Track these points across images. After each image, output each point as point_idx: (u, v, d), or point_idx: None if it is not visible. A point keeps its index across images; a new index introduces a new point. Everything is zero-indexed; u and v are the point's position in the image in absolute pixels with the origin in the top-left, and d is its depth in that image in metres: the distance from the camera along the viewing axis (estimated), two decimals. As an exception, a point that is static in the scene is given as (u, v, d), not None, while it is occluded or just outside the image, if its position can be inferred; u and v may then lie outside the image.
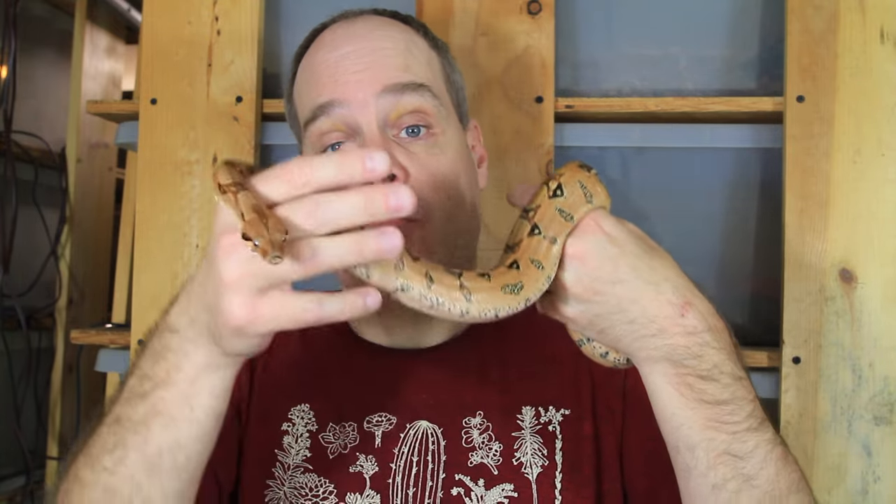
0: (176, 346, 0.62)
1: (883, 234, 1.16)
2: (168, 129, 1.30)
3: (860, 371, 1.15)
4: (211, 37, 1.30)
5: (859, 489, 1.14)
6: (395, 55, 0.83)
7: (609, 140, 1.28)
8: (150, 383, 0.63)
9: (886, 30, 1.18)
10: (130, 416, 0.63)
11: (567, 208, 0.64)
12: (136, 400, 0.63)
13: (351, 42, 0.84)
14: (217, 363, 0.61)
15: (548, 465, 0.80)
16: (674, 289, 0.63)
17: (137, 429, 0.62)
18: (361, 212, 0.52)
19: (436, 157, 0.82)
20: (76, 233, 1.80)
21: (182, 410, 0.61)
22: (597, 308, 0.63)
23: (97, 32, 1.85)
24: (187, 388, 0.61)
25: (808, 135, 1.18)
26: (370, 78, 0.81)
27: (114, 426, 0.64)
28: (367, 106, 0.80)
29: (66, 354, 1.78)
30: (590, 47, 1.30)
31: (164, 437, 0.62)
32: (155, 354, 0.63)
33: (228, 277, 0.54)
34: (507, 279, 0.61)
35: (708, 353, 0.63)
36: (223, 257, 0.54)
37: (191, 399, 0.61)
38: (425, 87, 0.82)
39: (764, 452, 0.65)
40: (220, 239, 0.55)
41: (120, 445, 0.63)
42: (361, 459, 0.80)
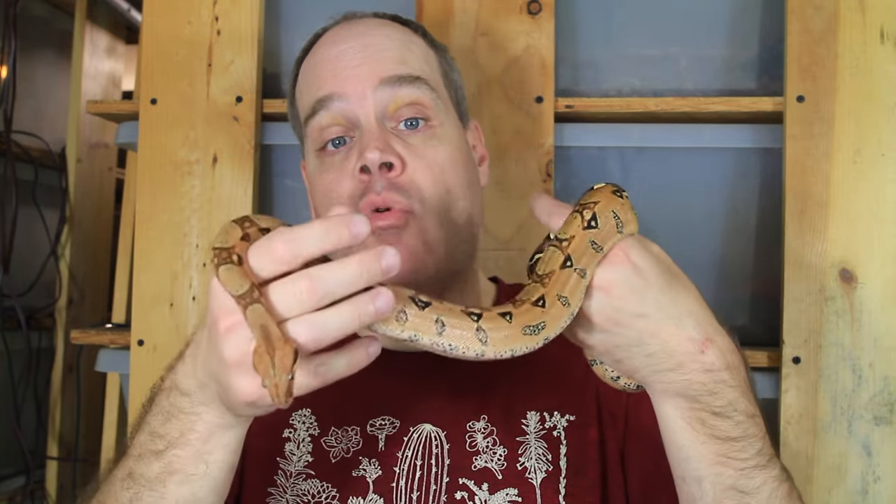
0: (188, 408, 0.63)
1: (883, 234, 1.16)
2: (168, 129, 1.30)
3: (860, 371, 1.15)
4: (211, 37, 1.30)
5: (859, 489, 1.14)
6: (393, 50, 0.84)
7: (609, 140, 1.28)
8: (162, 442, 0.64)
9: (886, 30, 1.18)
10: (144, 473, 0.64)
11: (599, 241, 0.63)
12: (150, 457, 0.64)
13: (350, 39, 0.85)
14: (229, 423, 0.62)
15: (552, 471, 0.80)
16: (696, 324, 0.63)
17: (153, 486, 0.64)
18: (359, 280, 0.53)
19: (433, 149, 0.82)
20: (76, 233, 1.80)
21: (198, 467, 0.63)
22: (617, 339, 0.63)
23: (97, 32, 1.86)
24: (201, 446, 0.63)
25: (808, 135, 1.18)
26: (368, 71, 0.82)
27: (127, 481, 0.65)
28: (365, 98, 0.81)
29: (66, 354, 1.78)
30: (590, 47, 1.30)
31: (180, 492, 0.63)
32: (165, 413, 0.64)
33: (233, 359, 0.56)
34: (530, 319, 0.60)
35: (724, 391, 0.63)
36: (224, 339, 0.56)
37: (205, 456, 0.63)
38: (422, 79, 0.83)
39: (770, 490, 0.65)
40: (219, 320, 0.56)
41: (136, 501, 0.64)
42: (364, 463, 0.80)
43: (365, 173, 0.79)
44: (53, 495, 1.72)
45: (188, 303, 1.27)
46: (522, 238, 1.22)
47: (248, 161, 1.28)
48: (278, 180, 1.35)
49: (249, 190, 1.28)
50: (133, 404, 1.27)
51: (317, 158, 0.85)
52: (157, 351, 1.27)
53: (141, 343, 1.28)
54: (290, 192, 1.35)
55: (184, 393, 0.63)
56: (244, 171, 1.28)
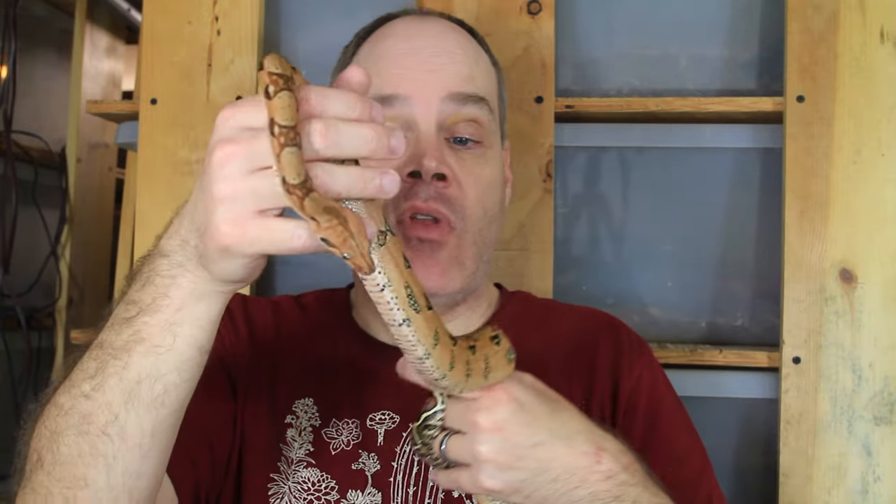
0: (164, 271, 0.59)
1: (883, 234, 1.16)
2: (168, 129, 1.30)
3: (860, 371, 1.15)
4: (211, 37, 1.30)
5: (859, 489, 1.14)
6: (463, 63, 0.85)
7: (609, 140, 1.28)
8: (135, 308, 0.60)
9: (886, 30, 1.18)
10: (113, 341, 0.61)
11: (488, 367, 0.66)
12: (121, 325, 0.61)
13: (422, 38, 0.85)
14: (204, 291, 0.59)
15: None
16: (585, 439, 0.66)
17: (118, 354, 0.60)
18: (367, 143, 0.52)
19: (481, 168, 0.84)
20: (76, 233, 1.80)
21: (164, 338, 0.59)
22: (521, 474, 0.64)
23: (97, 32, 1.85)
24: (171, 315, 0.59)
25: (808, 135, 1.18)
26: (437, 81, 0.83)
27: (95, 350, 0.62)
28: (430, 108, 0.82)
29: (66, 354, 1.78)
30: (590, 47, 1.30)
31: (143, 363, 0.59)
32: (143, 279, 0.61)
33: (220, 193, 0.53)
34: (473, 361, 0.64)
35: (627, 491, 0.67)
36: (216, 171, 0.53)
37: (174, 327, 0.59)
38: (485, 101, 0.85)
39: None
40: (215, 150, 0.53)
41: (100, 371, 0.60)
42: (364, 457, 0.81)
43: (413, 177, 0.80)
44: (53, 495, 1.72)
45: (188, 303, 1.27)
46: (523, 238, 1.22)
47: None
48: (278, 180, 1.34)
49: (249, 190, 1.27)
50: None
51: None
52: (157, 351, 1.27)
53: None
54: (290, 192, 1.35)
55: (163, 254, 0.60)
56: (244, 171, 1.28)
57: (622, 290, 1.29)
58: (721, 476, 1.24)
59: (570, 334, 0.91)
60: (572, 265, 1.30)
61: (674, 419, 0.88)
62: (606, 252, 1.30)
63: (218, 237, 0.53)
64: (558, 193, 1.28)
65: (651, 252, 1.29)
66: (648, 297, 1.29)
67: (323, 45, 1.34)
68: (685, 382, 1.20)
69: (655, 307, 1.29)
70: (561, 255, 1.27)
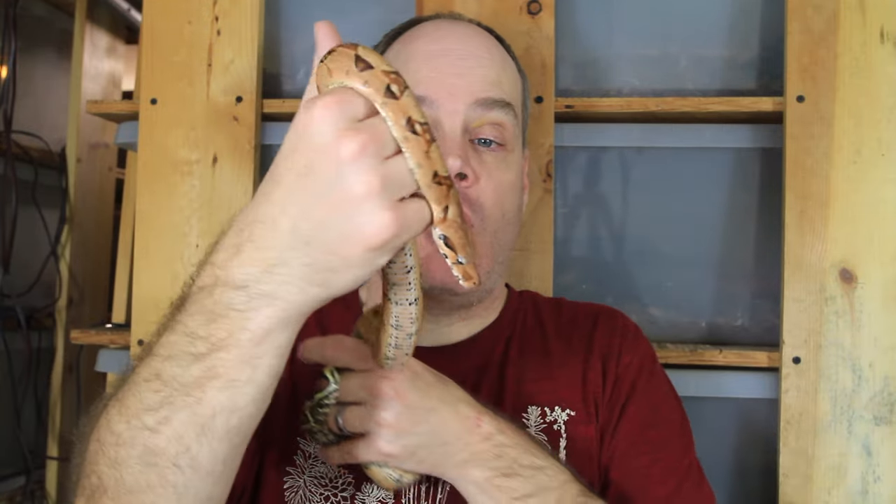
0: (242, 304, 0.54)
1: (883, 234, 1.16)
2: (168, 129, 1.30)
3: (860, 371, 1.15)
4: (211, 37, 1.30)
5: (859, 489, 1.14)
6: (491, 68, 0.86)
7: (609, 140, 1.28)
8: (204, 344, 0.56)
9: (886, 30, 1.18)
10: (178, 376, 0.57)
11: None
12: (186, 360, 0.57)
13: (451, 40, 0.86)
14: (292, 316, 0.55)
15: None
16: (468, 405, 0.73)
17: (189, 391, 0.56)
18: None
19: (502, 172, 0.85)
20: (76, 233, 1.80)
21: (243, 372, 0.56)
22: (416, 438, 0.70)
23: (97, 32, 1.85)
24: (252, 349, 0.55)
25: (808, 135, 1.18)
26: (465, 85, 0.84)
27: (155, 383, 0.58)
28: (456, 112, 0.83)
29: (66, 354, 1.78)
30: (590, 47, 1.30)
31: (219, 398, 0.56)
32: (209, 313, 0.56)
33: (366, 187, 0.50)
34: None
35: (506, 452, 0.72)
36: (350, 167, 0.50)
37: (254, 360, 0.55)
38: (511, 106, 0.86)
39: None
40: (343, 143, 0.50)
41: (166, 405, 0.57)
42: None
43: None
44: (53, 495, 1.72)
45: (188, 303, 1.27)
46: (522, 238, 1.22)
47: (248, 161, 1.28)
48: (278, 180, 1.34)
49: (249, 190, 1.27)
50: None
51: None
52: (157, 351, 1.27)
53: (141, 343, 1.28)
54: (290, 192, 1.35)
55: (238, 286, 0.54)
56: (244, 171, 1.28)
57: (622, 290, 1.29)
58: (721, 476, 1.25)
59: (571, 317, 0.93)
60: (572, 265, 1.30)
61: (658, 409, 0.88)
62: (606, 252, 1.30)
63: (368, 236, 0.51)
64: (558, 193, 1.28)
65: (651, 252, 1.29)
66: (648, 297, 1.29)
67: (323, 45, 1.34)
68: (685, 382, 1.20)
69: (655, 307, 1.29)
70: (561, 255, 1.27)
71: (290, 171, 0.52)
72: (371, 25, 0.95)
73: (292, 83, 1.36)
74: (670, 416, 0.88)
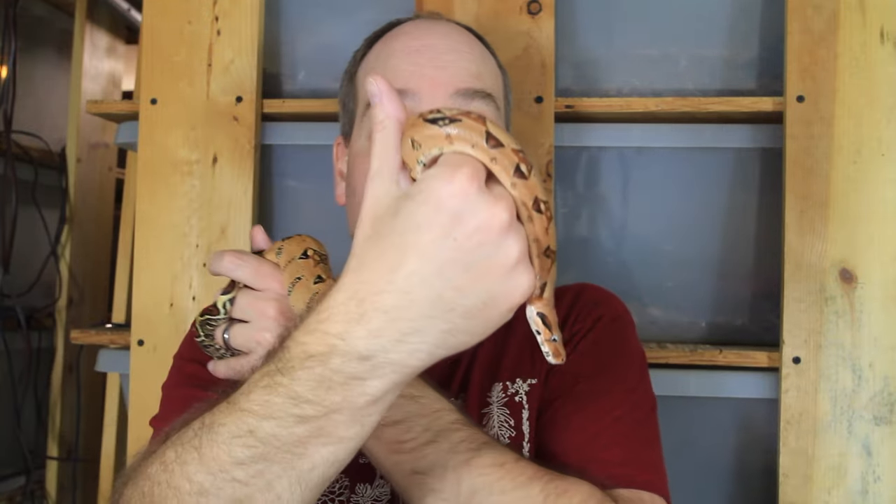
0: (364, 373, 0.54)
1: (883, 234, 1.16)
2: (168, 129, 1.30)
3: (860, 371, 1.15)
4: (211, 37, 1.30)
5: (859, 489, 1.14)
6: (472, 61, 0.87)
7: (609, 140, 1.28)
8: (314, 408, 0.56)
9: (886, 30, 1.18)
10: (279, 434, 0.56)
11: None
12: (291, 421, 0.56)
13: (432, 37, 0.87)
14: (407, 380, 0.56)
15: (515, 436, 0.81)
16: None
17: (290, 448, 0.56)
18: None
19: None
20: (76, 233, 1.80)
21: (351, 429, 0.56)
22: None
23: (97, 32, 1.86)
24: (365, 409, 0.56)
25: (808, 135, 1.18)
26: (446, 77, 0.84)
27: (248, 439, 0.57)
28: (437, 103, 0.83)
29: (66, 354, 1.78)
30: (590, 47, 1.30)
31: (322, 453, 0.56)
32: (325, 381, 0.55)
33: (521, 252, 0.53)
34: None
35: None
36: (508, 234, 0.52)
37: (364, 419, 0.56)
38: (492, 97, 0.86)
39: (442, 463, 0.67)
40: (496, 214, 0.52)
41: (261, 461, 0.57)
42: None
43: None
44: (53, 495, 1.72)
45: (188, 303, 1.27)
46: (522, 238, 1.22)
47: (248, 161, 1.28)
48: (278, 180, 1.35)
49: (249, 190, 1.28)
50: (133, 404, 1.27)
51: (368, 141, 0.86)
52: (157, 351, 1.27)
53: (141, 343, 1.28)
54: (290, 192, 1.35)
55: (362, 357, 0.54)
56: (244, 171, 1.28)
57: (622, 290, 1.28)
58: (721, 476, 1.25)
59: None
60: (572, 265, 1.30)
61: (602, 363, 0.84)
62: (606, 252, 1.30)
63: (517, 298, 0.54)
64: (558, 193, 1.28)
65: (651, 252, 1.29)
66: (648, 297, 1.29)
67: (323, 45, 1.34)
68: (685, 382, 1.20)
69: (655, 307, 1.29)
70: (561, 255, 1.27)
71: (431, 243, 0.52)
72: (371, 25, 0.95)
73: (292, 83, 1.36)
74: (615, 371, 0.84)
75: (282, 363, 0.57)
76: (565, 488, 0.66)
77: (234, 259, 0.74)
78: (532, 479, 0.66)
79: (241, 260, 0.74)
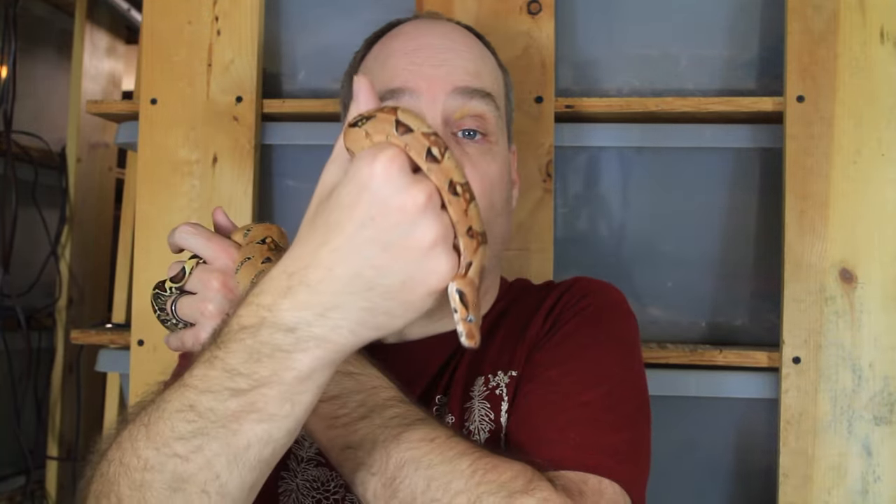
0: (289, 346, 0.57)
1: (883, 234, 1.16)
2: (168, 129, 1.30)
3: (860, 371, 1.15)
4: (211, 37, 1.30)
5: (859, 489, 1.14)
6: (470, 59, 0.87)
7: (609, 140, 1.28)
8: (246, 381, 0.58)
9: (886, 30, 1.18)
10: (215, 408, 0.58)
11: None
12: (225, 395, 0.58)
13: (430, 36, 0.87)
14: (336, 359, 0.58)
15: (494, 429, 0.81)
16: None
17: (225, 423, 0.58)
18: None
19: (487, 163, 0.85)
20: (76, 233, 1.80)
21: (283, 407, 0.58)
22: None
23: (97, 32, 1.86)
24: (295, 385, 0.57)
25: (808, 135, 1.18)
26: (445, 75, 0.84)
27: (188, 413, 0.59)
28: (435, 102, 0.83)
29: (66, 354, 1.78)
30: (590, 47, 1.30)
31: (255, 430, 0.58)
32: (252, 352, 0.57)
33: (436, 236, 0.54)
34: None
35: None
36: (422, 216, 0.54)
37: (295, 396, 0.57)
38: (491, 96, 0.86)
39: (372, 438, 0.68)
40: (411, 195, 0.54)
41: (199, 435, 0.58)
42: None
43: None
44: (53, 495, 1.72)
45: (188, 303, 1.27)
46: (522, 238, 1.22)
47: (248, 161, 1.28)
48: (278, 180, 1.35)
49: (249, 190, 1.28)
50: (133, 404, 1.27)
51: None
52: (157, 351, 1.27)
53: (141, 343, 1.28)
54: (290, 192, 1.35)
55: (287, 329, 0.56)
56: (244, 171, 1.28)
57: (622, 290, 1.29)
58: (721, 476, 1.25)
59: (546, 292, 0.91)
60: (572, 265, 1.30)
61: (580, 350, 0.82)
62: (606, 252, 1.30)
63: (434, 281, 0.54)
64: (558, 193, 1.28)
65: (651, 252, 1.29)
66: (648, 297, 1.29)
67: (323, 45, 1.34)
68: (685, 382, 1.20)
69: (655, 307, 1.29)
70: (561, 255, 1.27)
71: (351, 221, 0.55)
72: (371, 25, 0.95)
73: (292, 83, 1.36)
74: (591, 358, 0.81)
75: (220, 337, 0.60)
76: (495, 465, 0.66)
77: (189, 229, 0.76)
78: (462, 454, 0.67)
79: (194, 230, 0.76)
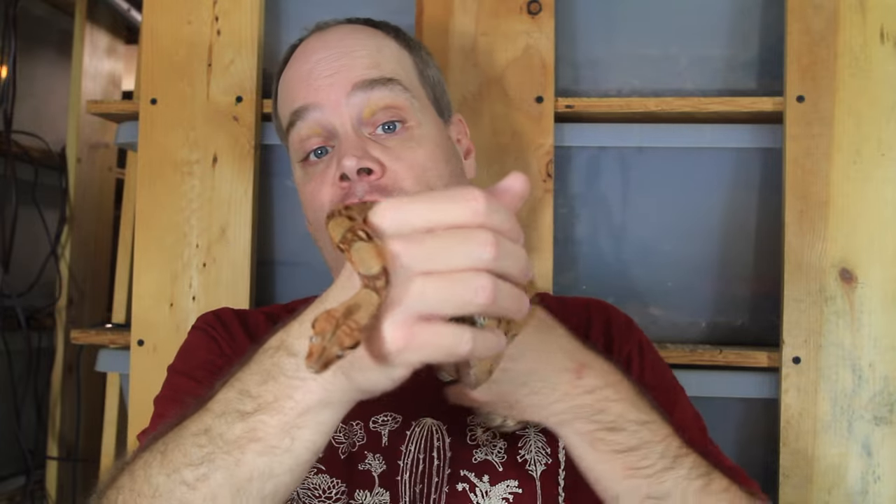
0: (291, 372, 0.57)
1: (883, 234, 1.16)
2: (168, 129, 1.30)
3: (860, 371, 1.15)
4: (211, 37, 1.30)
5: (859, 489, 1.14)
6: (364, 56, 0.86)
7: (609, 140, 1.28)
8: (252, 403, 0.58)
9: (886, 30, 1.18)
10: (224, 433, 0.58)
11: None
12: (234, 417, 0.58)
13: (321, 50, 0.88)
14: (335, 399, 0.57)
15: (551, 463, 0.81)
16: (567, 356, 0.68)
17: (230, 450, 0.58)
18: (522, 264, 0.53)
19: (412, 150, 0.84)
20: (76, 233, 1.80)
21: (282, 441, 0.57)
22: (502, 386, 0.66)
23: (97, 32, 1.86)
24: (293, 418, 0.57)
25: (808, 135, 1.18)
26: (341, 79, 0.84)
27: (201, 438, 0.59)
28: (339, 107, 0.83)
29: (66, 354, 1.78)
30: (590, 47, 1.30)
31: (257, 463, 0.58)
32: (265, 374, 0.58)
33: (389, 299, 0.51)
34: None
35: (610, 406, 0.68)
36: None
37: (293, 430, 0.57)
38: (395, 80, 0.86)
39: (681, 490, 0.69)
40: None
41: (207, 462, 0.58)
42: (370, 458, 0.81)
43: (345, 181, 0.81)
44: (53, 495, 1.72)
45: (188, 303, 1.27)
46: (522, 238, 1.22)
47: (248, 161, 1.28)
48: (278, 180, 1.35)
49: (249, 190, 1.28)
50: (133, 404, 1.27)
51: (301, 169, 0.89)
52: (157, 351, 1.27)
53: (141, 343, 1.28)
54: (290, 192, 1.35)
55: (291, 353, 0.57)
56: (244, 171, 1.28)
57: (622, 290, 1.29)
58: (721, 476, 1.24)
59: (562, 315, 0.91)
60: (572, 265, 1.30)
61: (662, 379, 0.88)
62: (606, 252, 1.30)
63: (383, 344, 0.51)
64: (558, 193, 1.28)
65: (651, 252, 1.29)
66: (648, 297, 1.29)
67: (323, 45, 1.34)
68: (685, 382, 1.19)
69: (655, 307, 1.29)
70: (561, 255, 1.27)
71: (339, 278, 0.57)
72: (371, 25, 0.95)
73: (292, 83, 1.36)
74: (673, 385, 0.89)
75: (251, 356, 0.61)
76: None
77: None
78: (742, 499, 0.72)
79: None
